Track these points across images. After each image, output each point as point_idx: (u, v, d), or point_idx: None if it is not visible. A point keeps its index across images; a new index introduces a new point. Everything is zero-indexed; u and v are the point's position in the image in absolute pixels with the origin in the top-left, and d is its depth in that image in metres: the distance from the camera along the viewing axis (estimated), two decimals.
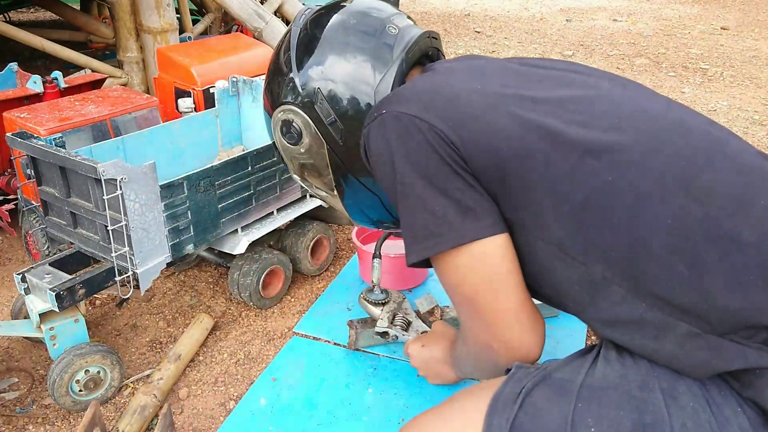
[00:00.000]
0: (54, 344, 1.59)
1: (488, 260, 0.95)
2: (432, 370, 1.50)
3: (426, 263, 1.02)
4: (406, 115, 0.97)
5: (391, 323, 1.70)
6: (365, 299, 1.76)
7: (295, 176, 1.32)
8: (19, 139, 1.65)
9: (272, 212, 2.02)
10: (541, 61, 1.11)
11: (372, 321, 1.76)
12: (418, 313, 1.78)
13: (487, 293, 0.96)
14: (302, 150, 1.20)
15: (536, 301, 1.90)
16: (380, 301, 1.75)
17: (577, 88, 1.00)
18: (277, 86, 1.19)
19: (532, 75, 1.04)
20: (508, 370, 0.98)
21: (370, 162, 1.07)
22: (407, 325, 1.72)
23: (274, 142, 1.30)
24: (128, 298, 1.83)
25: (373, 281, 1.75)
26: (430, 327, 1.68)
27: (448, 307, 1.85)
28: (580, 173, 0.89)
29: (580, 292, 0.96)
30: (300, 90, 1.15)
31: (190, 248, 1.76)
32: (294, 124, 1.17)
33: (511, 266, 0.96)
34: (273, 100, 1.21)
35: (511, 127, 0.92)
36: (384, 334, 1.71)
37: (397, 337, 1.70)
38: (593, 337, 1.75)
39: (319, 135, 1.16)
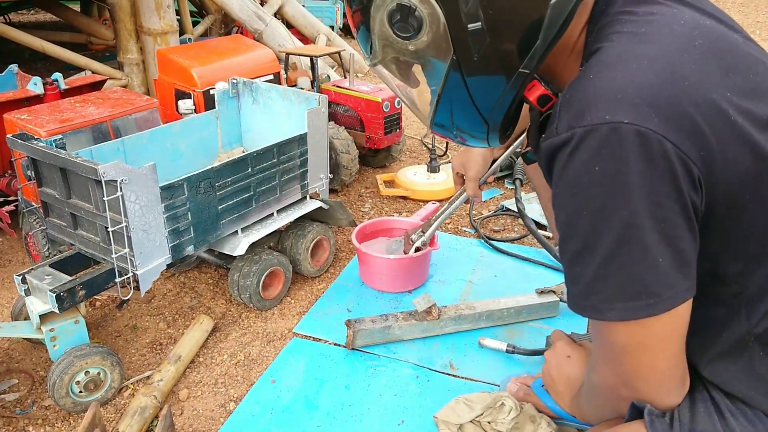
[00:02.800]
0: (54, 345, 1.59)
1: (673, 325, 0.84)
2: (555, 389, 1.34)
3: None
4: (653, 134, 0.76)
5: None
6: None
7: (376, 62, 0.96)
8: (20, 141, 1.65)
9: (272, 213, 2.02)
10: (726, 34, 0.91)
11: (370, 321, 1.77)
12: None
13: (652, 353, 0.86)
14: (411, 48, 0.89)
15: (538, 300, 1.91)
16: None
17: None
18: None
19: (741, 66, 0.86)
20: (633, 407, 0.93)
21: (562, 175, 0.83)
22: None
23: (361, 11, 0.92)
24: (128, 300, 1.83)
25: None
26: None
27: (446, 306, 1.86)
28: None
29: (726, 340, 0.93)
30: None
31: (190, 249, 1.76)
32: (416, 13, 0.85)
33: (685, 330, 0.86)
34: None
35: (751, 165, 0.81)
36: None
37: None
38: None
39: (449, 40, 0.85)
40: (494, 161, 1.72)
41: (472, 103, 0.93)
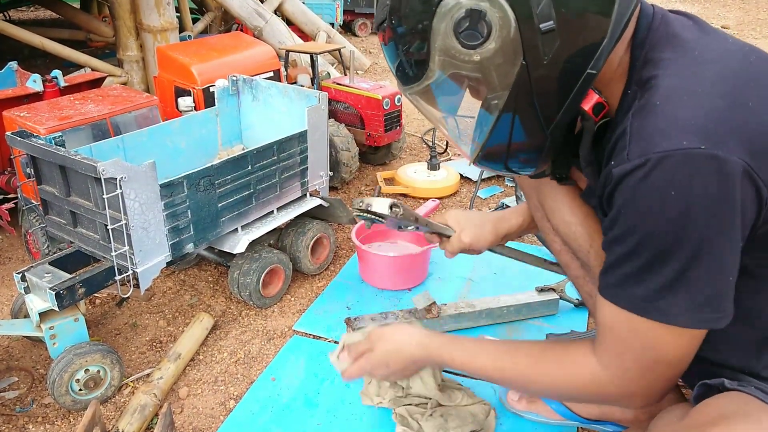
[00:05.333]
0: (54, 343, 1.59)
1: (699, 343, 0.93)
2: (392, 364, 1.26)
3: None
4: (727, 158, 0.80)
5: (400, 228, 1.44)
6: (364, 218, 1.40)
7: (427, 83, 0.92)
8: (19, 138, 1.64)
9: (272, 211, 2.02)
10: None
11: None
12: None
13: (683, 364, 0.94)
14: (476, 58, 0.85)
15: (537, 298, 1.91)
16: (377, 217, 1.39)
17: None
18: None
19: None
20: None
21: (633, 197, 0.85)
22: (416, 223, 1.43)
23: (415, 27, 0.88)
24: (128, 297, 1.83)
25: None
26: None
27: (445, 304, 1.85)
28: None
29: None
30: None
31: (190, 247, 1.76)
32: (485, 18, 0.82)
33: None
34: None
35: None
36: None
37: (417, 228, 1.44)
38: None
39: (520, 44, 0.83)
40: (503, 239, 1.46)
41: (537, 116, 0.91)
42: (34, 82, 2.37)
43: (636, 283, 0.90)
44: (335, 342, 1.82)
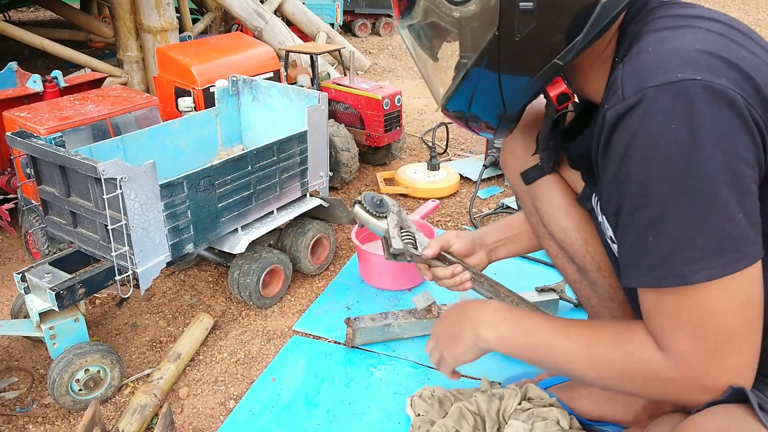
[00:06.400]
0: (54, 343, 1.59)
1: (756, 283, 0.82)
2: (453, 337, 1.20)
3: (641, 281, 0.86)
4: (726, 89, 0.76)
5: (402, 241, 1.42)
6: (366, 210, 1.44)
7: (410, 23, 0.99)
8: (19, 139, 1.65)
9: (272, 211, 2.02)
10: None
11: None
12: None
13: (739, 314, 0.82)
14: (455, 14, 0.90)
15: (537, 298, 1.91)
16: (382, 214, 1.45)
17: None
18: None
19: None
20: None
21: (633, 142, 0.81)
22: (414, 241, 1.44)
23: None
24: (128, 298, 1.83)
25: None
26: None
27: (445, 304, 1.85)
28: None
29: None
30: None
31: (190, 247, 1.76)
32: None
33: (761, 294, 0.84)
34: None
35: None
36: (399, 256, 1.41)
37: (411, 258, 1.41)
38: None
39: (497, 14, 0.87)
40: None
41: (498, 86, 0.94)
42: (34, 83, 2.37)
43: (647, 252, 0.85)
44: (335, 342, 1.82)
